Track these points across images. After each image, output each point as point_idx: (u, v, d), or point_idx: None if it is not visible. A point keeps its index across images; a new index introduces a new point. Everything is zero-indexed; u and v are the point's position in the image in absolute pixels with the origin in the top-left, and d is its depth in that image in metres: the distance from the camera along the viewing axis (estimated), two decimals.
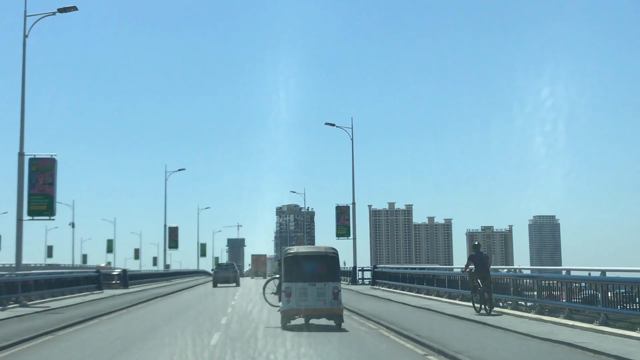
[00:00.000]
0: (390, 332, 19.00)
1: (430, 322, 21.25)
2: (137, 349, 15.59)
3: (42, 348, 16.51)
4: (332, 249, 20.57)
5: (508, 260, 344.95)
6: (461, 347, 14.92)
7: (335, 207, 61.42)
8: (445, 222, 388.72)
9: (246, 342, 16.31)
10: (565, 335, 16.47)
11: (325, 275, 19.74)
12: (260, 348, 15.20)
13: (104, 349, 15.87)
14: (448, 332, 18.17)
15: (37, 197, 33.60)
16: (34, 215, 33.59)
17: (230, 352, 14.43)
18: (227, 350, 14.68)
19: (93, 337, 18.65)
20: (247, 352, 14.56)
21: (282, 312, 19.69)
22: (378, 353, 15.14)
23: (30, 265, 64.14)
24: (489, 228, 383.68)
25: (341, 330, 19.05)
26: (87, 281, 42.81)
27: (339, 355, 14.64)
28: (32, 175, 33.58)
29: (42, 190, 33.66)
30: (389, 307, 27.97)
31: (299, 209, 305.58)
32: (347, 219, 60.24)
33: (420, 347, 15.88)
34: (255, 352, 14.54)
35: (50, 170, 33.82)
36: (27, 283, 31.82)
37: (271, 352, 14.52)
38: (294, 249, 20.97)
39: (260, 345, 15.60)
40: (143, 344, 16.51)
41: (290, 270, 19.76)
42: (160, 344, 16.22)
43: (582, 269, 21.14)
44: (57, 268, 72.15)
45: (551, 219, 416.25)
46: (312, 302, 19.44)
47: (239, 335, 17.62)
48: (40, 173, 33.69)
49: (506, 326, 18.97)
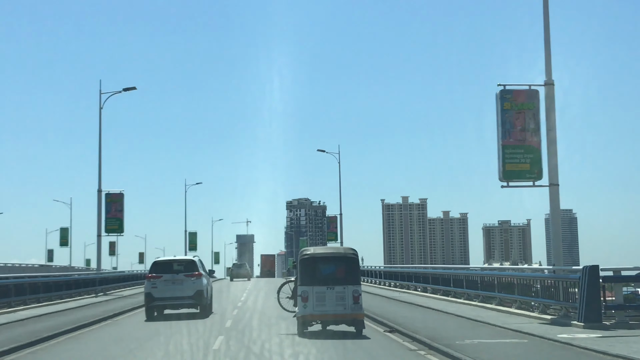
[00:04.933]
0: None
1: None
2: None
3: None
4: (351, 249, 19.79)
5: (526, 256, 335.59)
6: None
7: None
8: (460, 216, 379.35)
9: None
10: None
11: (344, 278, 18.87)
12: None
13: None
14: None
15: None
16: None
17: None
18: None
19: None
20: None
21: (299, 318, 18.87)
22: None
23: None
24: (506, 222, 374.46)
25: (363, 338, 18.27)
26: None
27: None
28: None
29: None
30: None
31: (309, 202, 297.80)
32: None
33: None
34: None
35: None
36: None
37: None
38: (310, 250, 20.15)
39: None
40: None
41: (306, 272, 18.99)
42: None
43: None
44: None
45: (568, 212, 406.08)
46: (331, 307, 18.60)
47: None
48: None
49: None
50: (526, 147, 22.84)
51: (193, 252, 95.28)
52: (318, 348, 16.27)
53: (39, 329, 21.56)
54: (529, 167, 22.79)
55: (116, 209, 47.59)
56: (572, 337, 16.81)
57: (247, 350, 16.18)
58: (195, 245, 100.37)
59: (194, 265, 26.54)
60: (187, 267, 26.37)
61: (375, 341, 18.02)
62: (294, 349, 16.08)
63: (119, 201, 47.98)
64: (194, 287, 25.63)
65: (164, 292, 25.45)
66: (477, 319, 22.07)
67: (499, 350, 15.47)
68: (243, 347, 16.72)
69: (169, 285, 25.58)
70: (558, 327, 19.31)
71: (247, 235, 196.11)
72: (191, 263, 26.75)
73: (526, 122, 22.87)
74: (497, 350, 15.45)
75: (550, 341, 16.67)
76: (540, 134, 22.91)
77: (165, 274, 25.83)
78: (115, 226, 47.77)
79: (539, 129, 22.89)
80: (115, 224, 47.75)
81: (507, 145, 22.79)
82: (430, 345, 16.43)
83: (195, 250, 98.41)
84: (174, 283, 25.65)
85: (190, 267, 26.30)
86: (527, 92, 23.16)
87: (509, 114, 22.85)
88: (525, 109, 22.88)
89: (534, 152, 22.83)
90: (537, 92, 23.10)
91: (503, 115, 22.88)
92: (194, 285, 25.68)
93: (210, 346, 17.05)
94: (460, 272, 34.41)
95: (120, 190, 48.64)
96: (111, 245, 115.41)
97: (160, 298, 25.54)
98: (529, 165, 22.79)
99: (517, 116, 22.86)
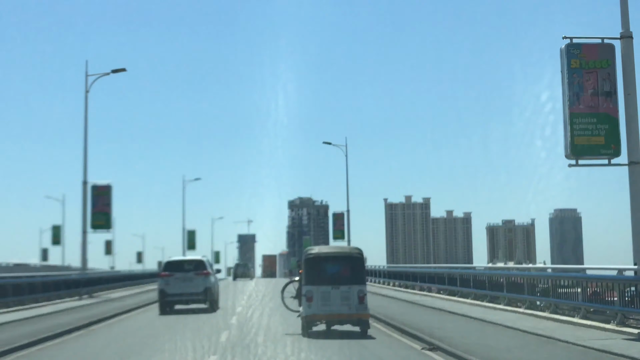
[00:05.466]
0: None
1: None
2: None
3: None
4: (356, 249, 19.76)
5: (531, 256, 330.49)
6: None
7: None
8: (464, 215, 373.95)
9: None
10: None
11: (349, 278, 18.70)
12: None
13: None
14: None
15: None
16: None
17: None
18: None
19: None
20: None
21: (303, 318, 18.62)
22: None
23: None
24: (511, 222, 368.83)
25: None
26: None
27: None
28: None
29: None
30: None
31: (312, 202, 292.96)
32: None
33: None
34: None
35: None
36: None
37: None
38: (315, 249, 19.98)
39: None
40: None
41: (311, 272, 18.79)
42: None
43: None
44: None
45: (573, 212, 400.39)
46: (336, 307, 18.37)
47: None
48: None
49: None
50: (600, 115, 18.15)
51: (192, 251, 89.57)
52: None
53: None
54: (603, 141, 18.11)
55: (103, 203, 43.09)
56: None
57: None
58: (194, 244, 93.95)
59: (203, 264, 28.58)
60: (197, 266, 28.39)
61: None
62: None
63: (106, 194, 43.43)
64: (203, 285, 27.61)
65: (176, 289, 27.28)
66: (537, 332, 17.48)
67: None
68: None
69: (181, 283, 27.49)
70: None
71: (249, 235, 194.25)
72: (201, 263, 28.80)
73: (599, 84, 18.18)
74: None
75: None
76: (618, 99, 18.25)
77: (177, 272, 27.78)
78: (102, 221, 43.01)
79: (615, 93, 18.22)
80: (102, 219, 43.02)
81: (576, 114, 18.09)
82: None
83: (194, 249, 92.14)
84: (185, 280, 27.60)
85: (200, 266, 28.33)
86: (599, 47, 18.50)
87: (578, 75, 18.18)
88: (598, 68, 18.23)
89: (610, 122, 18.14)
90: (612, 47, 18.47)
91: (570, 76, 18.18)
92: (203, 283, 27.67)
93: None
94: (482, 272, 30.86)
95: (108, 182, 44.15)
96: (107, 244, 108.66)
97: (172, 294, 27.30)
98: (603, 139, 18.11)
99: (588, 77, 18.17)
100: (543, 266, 41.30)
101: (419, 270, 41.53)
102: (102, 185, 43.64)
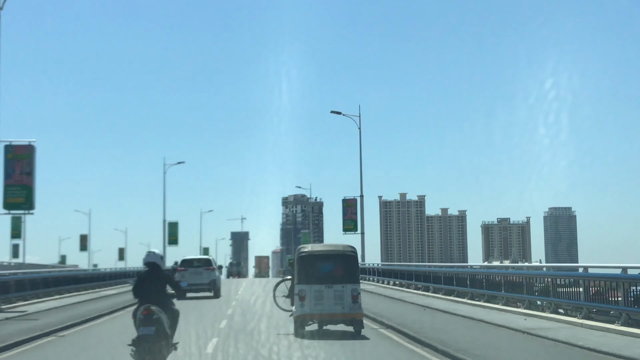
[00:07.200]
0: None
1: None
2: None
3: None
4: (350, 247, 19.38)
5: (526, 254, 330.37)
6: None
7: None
8: (459, 213, 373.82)
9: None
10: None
11: (343, 277, 18.40)
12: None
13: None
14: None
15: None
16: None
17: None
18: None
19: None
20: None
21: (295, 318, 18.28)
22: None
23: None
24: (506, 220, 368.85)
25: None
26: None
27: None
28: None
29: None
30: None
31: (306, 199, 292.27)
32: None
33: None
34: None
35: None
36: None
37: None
38: (308, 247, 19.45)
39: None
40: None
41: (304, 270, 18.46)
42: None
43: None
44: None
45: (567, 210, 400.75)
46: (329, 307, 18.05)
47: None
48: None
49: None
50: None
51: (173, 245, 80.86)
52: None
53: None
54: None
55: (22, 171, 30.43)
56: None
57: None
58: (176, 238, 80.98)
59: (209, 262, 36.91)
60: (204, 263, 36.47)
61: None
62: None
63: (27, 158, 30.61)
64: (209, 277, 35.29)
65: (189, 280, 32.39)
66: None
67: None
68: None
69: (192, 275, 34.50)
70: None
71: (242, 232, 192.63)
72: (208, 260, 37.24)
73: None
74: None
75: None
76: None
77: (190, 268, 35.48)
78: (20, 198, 30.33)
79: None
80: (21, 194, 30.35)
81: None
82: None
83: (175, 244, 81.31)
84: (196, 274, 34.95)
85: (207, 263, 36.44)
86: None
87: None
88: None
89: None
90: None
91: None
92: (210, 276, 35.35)
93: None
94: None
95: (30, 141, 31.02)
96: (82, 238, 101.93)
97: (186, 284, 30.82)
98: None
99: None
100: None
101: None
102: (20, 145, 30.94)
